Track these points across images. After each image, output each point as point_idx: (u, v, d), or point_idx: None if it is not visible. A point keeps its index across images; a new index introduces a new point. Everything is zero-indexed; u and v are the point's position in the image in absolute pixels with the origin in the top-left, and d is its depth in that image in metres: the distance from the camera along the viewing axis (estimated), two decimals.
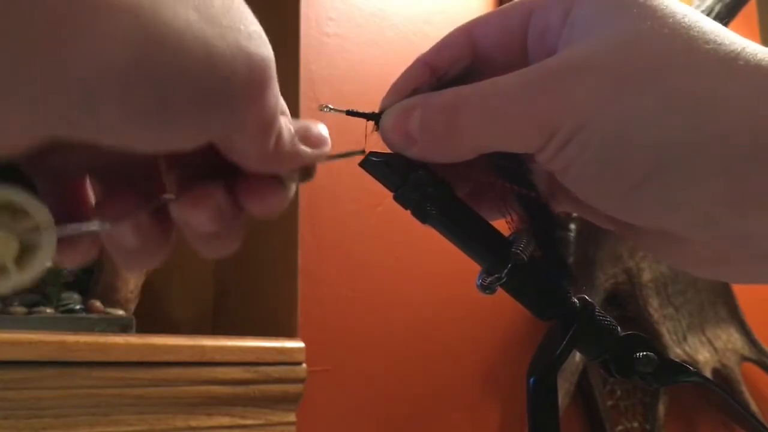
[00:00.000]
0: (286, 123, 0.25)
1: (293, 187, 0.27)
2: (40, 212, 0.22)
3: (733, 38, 0.24)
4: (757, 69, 0.24)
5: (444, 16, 1.10)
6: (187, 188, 0.25)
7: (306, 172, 0.27)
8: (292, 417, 0.80)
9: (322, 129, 0.27)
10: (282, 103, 0.25)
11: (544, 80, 0.25)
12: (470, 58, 0.29)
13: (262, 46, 0.22)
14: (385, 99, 0.29)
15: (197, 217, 0.25)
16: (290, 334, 0.88)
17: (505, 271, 0.28)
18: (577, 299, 0.29)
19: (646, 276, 1.21)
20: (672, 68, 0.24)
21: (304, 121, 0.27)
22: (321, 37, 0.98)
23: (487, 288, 0.28)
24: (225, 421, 0.75)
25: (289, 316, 0.90)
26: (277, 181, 0.26)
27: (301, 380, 0.81)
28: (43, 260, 0.22)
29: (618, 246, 1.17)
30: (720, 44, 0.24)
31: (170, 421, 0.71)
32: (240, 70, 0.21)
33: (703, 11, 1.20)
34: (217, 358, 0.74)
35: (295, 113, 0.27)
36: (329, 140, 0.27)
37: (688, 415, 1.28)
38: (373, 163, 0.28)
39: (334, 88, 0.97)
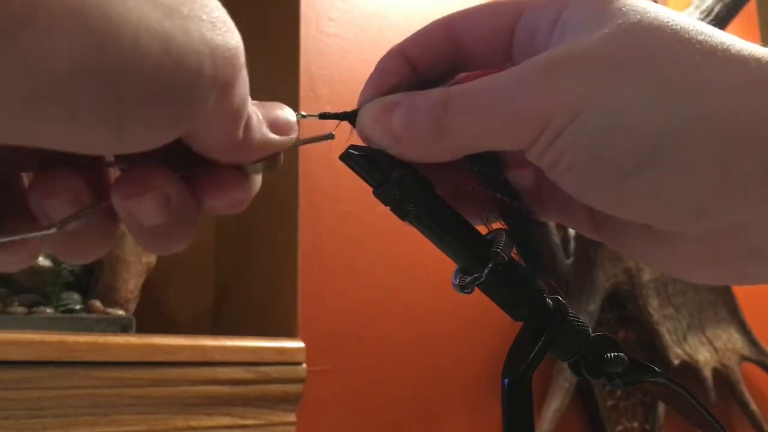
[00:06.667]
0: (254, 110, 0.24)
1: (258, 179, 0.26)
2: None
3: (723, 34, 0.25)
4: (751, 59, 0.24)
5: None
6: (130, 176, 0.23)
7: (272, 161, 0.26)
8: (292, 417, 0.80)
9: (289, 114, 0.26)
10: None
11: (536, 74, 0.25)
12: (449, 51, 0.29)
13: (228, 35, 0.21)
14: (362, 94, 0.28)
15: (141, 207, 0.23)
16: (290, 334, 0.88)
17: (486, 270, 0.27)
18: (551, 300, 0.29)
19: (646, 276, 1.21)
20: (665, 58, 0.24)
21: (269, 105, 0.25)
22: (321, 37, 0.98)
23: (465, 288, 0.28)
24: (225, 421, 0.75)
25: (289, 316, 0.90)
26: (241, 173, 0.25)
27: (301, 380, 0.81)
28: None
29: None
30: (710, 36, 0.24)
31: (170, 421, 0.71)
32: (205, 65, 0.20)
33: (703, 11, 1.20)
34: (217, 358, 0.74)
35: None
36: (297, 126, 0.26)
37: None
38: (353, 157, 0.27)
39: (334, 88, 0.97)
